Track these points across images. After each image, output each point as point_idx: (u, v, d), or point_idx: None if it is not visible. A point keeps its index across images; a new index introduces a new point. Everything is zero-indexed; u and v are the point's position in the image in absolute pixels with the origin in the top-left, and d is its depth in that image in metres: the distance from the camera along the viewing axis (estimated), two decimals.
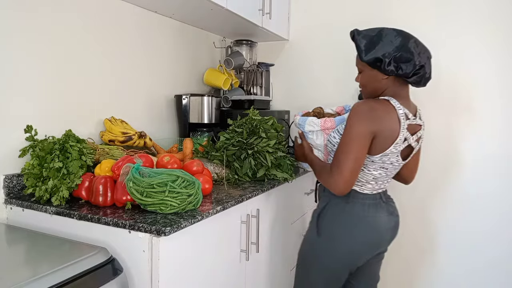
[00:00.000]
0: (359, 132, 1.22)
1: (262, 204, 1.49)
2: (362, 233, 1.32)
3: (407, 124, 1.25)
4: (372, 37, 1.27)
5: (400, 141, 1.24)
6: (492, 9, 1.90)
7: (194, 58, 2.18)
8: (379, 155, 1.25)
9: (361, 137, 1.22)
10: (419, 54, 1.24)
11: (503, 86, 1.90)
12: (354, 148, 1.22)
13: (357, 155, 1.22)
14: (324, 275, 1.39)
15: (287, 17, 2.38)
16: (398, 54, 1.22)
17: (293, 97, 2.42)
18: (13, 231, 1.12)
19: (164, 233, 0.96)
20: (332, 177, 1.25)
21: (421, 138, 1.35)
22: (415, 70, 1.24)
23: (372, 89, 1.32)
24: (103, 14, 1.58)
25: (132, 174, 1.09)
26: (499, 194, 1.93)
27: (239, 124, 1.60)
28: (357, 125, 1.22)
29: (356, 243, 1.32)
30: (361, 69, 1.33)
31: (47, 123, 1.37)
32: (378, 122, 1.22)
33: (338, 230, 1.33)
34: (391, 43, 1.23)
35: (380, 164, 1.28)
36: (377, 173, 1.30)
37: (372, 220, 1.32)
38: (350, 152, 1.22)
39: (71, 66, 1.46)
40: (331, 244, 1.35)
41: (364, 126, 1.22)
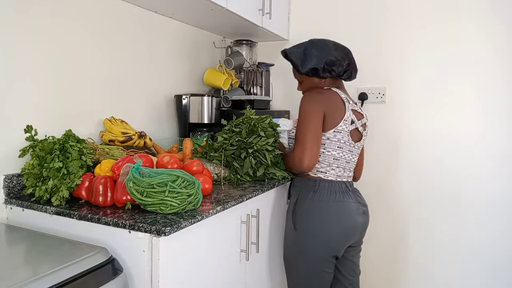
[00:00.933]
0: (311, 111, 1.40)
1: (262, 204, 1.49)
2: (332, 217, 1.41)
3: (351, 107, 1.47)
4: (301, 52, 1.51)
5: (348, 118, 1.44)
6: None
7: (194, 58, 2.18)
8: (332, 130, 1.42)
9: (314, 115, 1.40)
10: (342, 54, 1.49)
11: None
12: (310, 125, 1.39)
13: (314, 129, 1.39)
14: (309, 268, 1.45)
15: (287, 17, 2.38)
16: (328, 60, 1.46)
17: (293, 97, 2.42)
18: (13, 231, 1.12)
19: (164, 233, 0.96)
20: (295, 153, 1.41)
21: (366, 126, 1.56)
22: (345, 68, 1.50)
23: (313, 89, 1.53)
24: (103, 14, 1.58)
25: (132, 174, 1.09)
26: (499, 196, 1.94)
27: (236, 124, 1.61)
28: (308, 106, 1.42)
29: (329, 228, 1.41)
30: (300, 79, 1.60)
31: (47, 123, 1.37)
32: (326, 102, 1.43)
33: (311, 219, 1.42)
34: (319, 52, 1.48)
35: (335, 143, 1.44)
36: (335, 153, 1.45)
37: (340, 204, 1.43)
38: (306, 129, 1.39)
39: (71, 66, 1.46)
40: (308, 235, 1.43)
41: (315, 105, 1.41)
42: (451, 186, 2.02)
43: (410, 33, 2.06)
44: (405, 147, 2.11)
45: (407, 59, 2.08)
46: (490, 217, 1.95)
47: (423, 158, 2.08)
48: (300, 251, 1.46)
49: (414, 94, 2.08)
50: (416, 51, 2.06)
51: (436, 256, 2.08)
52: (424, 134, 2.07)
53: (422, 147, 2.08)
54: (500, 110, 1.92)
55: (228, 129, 1.61)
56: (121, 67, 1.69)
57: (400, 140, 2.11)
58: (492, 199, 1.95)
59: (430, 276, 2.10)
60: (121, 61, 1.68)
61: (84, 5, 1.49)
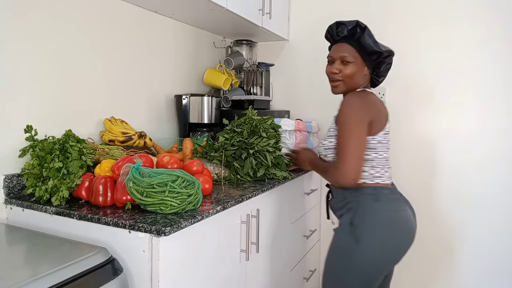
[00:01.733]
0: (356, 120, 1.26)
1: (262, 204, 1.49)
2: (399, 228, 1.29)
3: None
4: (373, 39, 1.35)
5: (389, 118, 1.37)
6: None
7: (194, 58, 2.18)
8: (382, 132, 1.32)
9: (359, 124, 1.26)
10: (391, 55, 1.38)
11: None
12: (354, 135, 1.25)
13: (359, 141, 1.26)
14: (364, 284, 1.31)
15: (287, 17, 2.38)
16: (392, 56, 1.36)
17: (293, 97, 2.42)
18: (13, 231, 1.12)
19: (164, 233, 0.96)
20: (338, 168, 1.27)
21: None
22: (387, 70, 1.41)
23: (355, 83, 1.37)
24: (102, 14, 1.58)
25: (132, 174, 1.09)
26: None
27: (237, 124, 1.61)
28: (354, 114, 1.27)
29: (398, 239, 1.29)
30: (352, 60, 1.35)
31: (47, 123, 1.37)
32: (372, 107, 1.31)
33: (380, 231, 1.27)
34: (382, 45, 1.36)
35: (385, 145, 1.35)
36: (386, 154, 1.36)
37: (405, 214, 1.32)
38: (351, 139, 1.25)
39: (71, 66, 1.46)
40: (375, 248, 1.27)
41: (359, 113, 1.28)
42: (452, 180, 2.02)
43: (411, 34, 2.07)
44: (404, 147, 2.11)
45: (407, 60, 2.08)
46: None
47: (422, 158, 2.08)
48: (359, 266, 1.28)
49: (415, 94, 2.08)
50: (417, 52, 2.06)
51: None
52: (423, 134, 2.07)
53: (421, 148, 2.08)
54: (500, 111, 1.92)
55: (229, 129, 1.61)
56: (121, 67, 1.69)
57: (400, 141, 2.11)
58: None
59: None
60: (121, 61, 1.68)
61: (84, 5, 1.49)
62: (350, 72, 1.35)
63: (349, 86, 1.37)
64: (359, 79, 1.37)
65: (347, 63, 1.35)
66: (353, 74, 1.35)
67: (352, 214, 1.31)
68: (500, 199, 1.94)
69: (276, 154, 1.57)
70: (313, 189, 2.05)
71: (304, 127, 1.84)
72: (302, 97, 2.39)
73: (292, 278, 1.85)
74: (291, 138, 1.79)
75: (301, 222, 1.94)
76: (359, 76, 1.36)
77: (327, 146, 1.39)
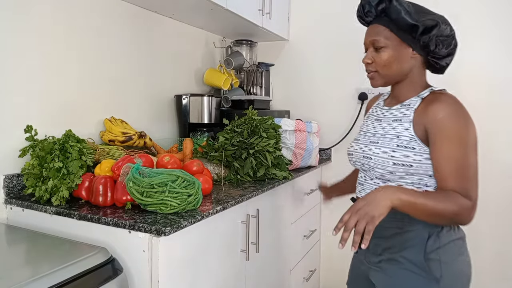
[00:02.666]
0: (475, 136, 0.97)
1: (262, 204, 1.49)
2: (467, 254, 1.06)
3: None
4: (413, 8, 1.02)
5: None
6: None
7: (194, 58, 2.18)
8: None
9: (476, 142, 0.97)
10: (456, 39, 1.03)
11: None
12: (475, 157, 0.96)
13: (477, 166, 0.97)
14: None
15: (287, 17, 2.38)
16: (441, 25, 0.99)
17: (293, 97, 2.42)
18: (13, 231, 1.12)
19: (164, 233, 0.96)
20: (472, 200, 0.93)
21: None
22: (450, 50, 1.02)
23: (397, 71, 1.05)
24: (102, 14, 1.58)
25: (132, 174, 1.09)
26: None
27: (237, 124, 1.61)
28: (471, 127, 0.97)
29: (470, 268, 1.05)
30: (385, 43, 1.03)
31: (47, 123, 1.37)
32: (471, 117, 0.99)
33: (461, 262, 1.02)
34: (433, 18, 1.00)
35: None
36: None
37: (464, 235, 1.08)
38: (474, 165, 0.96)
39: (71, 66, 1.46)
40: (457, 283, 1.01)
41: (474, 127, 0.98)
42: None
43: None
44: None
45: None
46: None
47: None
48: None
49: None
50: None
51: None
52: None
53: None
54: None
55: (229, 129, 1.61)
56: (121, 67, 1.69)
57: None
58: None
59: None
60: (121, 61, 1.68)
61: (83, 5, 1.49)
62: (386, 59, 1.03)
63: (391, 76, 1.06)
64: (404, 66, 1.04)
65: (380, 48, 1.04)
66: (391, 61, 1.03)
67: (424, 244, 1.00)
68: None
69: (276, 154, 1.57)
70: (313, 189, 2.05)
71: (304, 127, 1.84)
72: (302, 97, 2.39)
73: (292, 278, 1.85)
74: (291, 138, 1.79)
75: (301, 222, 1.94)
76: (403, 62, 1.04)
77: (401, 161, 1.00)
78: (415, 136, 1.00)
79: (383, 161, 1.02)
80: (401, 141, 1.01)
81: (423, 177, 1.00)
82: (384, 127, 1.07)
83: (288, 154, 1.80)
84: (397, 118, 1.05)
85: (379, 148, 1.04)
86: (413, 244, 1.00)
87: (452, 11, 1.40)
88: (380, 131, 1.08)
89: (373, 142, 1.07)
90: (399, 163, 1.00)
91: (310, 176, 2.03)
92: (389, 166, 1.01)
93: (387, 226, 1.03)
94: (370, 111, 1.21)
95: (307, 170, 1.91)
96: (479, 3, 1.93)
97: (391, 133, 1.04)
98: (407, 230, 1.02)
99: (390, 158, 1.01)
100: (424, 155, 0.99)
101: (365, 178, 1.12)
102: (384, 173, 1.04)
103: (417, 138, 0.99)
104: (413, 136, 1.00)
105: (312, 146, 1.91)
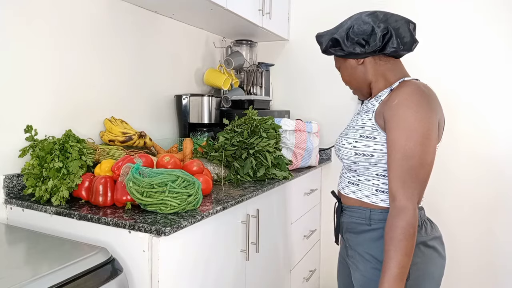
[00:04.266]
0: (427, 126, 0.92)
1: (262, 204, 1.49)
2: (442, 257, 1.06)
3: None
4: (330, 30, 1.12)
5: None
6: None
7: (194, 58, 2.18)
8: (437, 144, 1.00)
9: (432, 131, 0.93)
10: (381, 21, 1.02)
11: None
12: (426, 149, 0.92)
13: (430, 159, 0.93)
14: None
15: (287, 17, 2.38)
16: (351, 29, 1.03)
17: (293, 97, 2.42)
18: (13, 231, 1.12)
19: (164, 233, 0.96)
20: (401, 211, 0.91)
21: None
22: (382, 37, 1.01)
23: (356, 84, 1.12)
24: (102, 14, 1.58)
25: (132, 174, 1.09)
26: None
27: (237, 124, 1.61)
28: (423, 115, 0.92)
29: (441, 269, 1.05)
30: (339, 64, 1.13)
31: (47, 123, 1.37)
32: (435, 103, 0.97)
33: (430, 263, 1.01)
34: (345, 24, 1.08)
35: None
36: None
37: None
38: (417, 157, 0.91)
39: (71, 66, 1.46)
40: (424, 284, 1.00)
41: (432, 113, 0.93)
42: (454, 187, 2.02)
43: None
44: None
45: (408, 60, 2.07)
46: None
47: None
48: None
49: None
50: (418, 51, 2.06)
51: None
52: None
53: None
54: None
55: (229, 129, 1.61)
56: (121, 67, 1.69)
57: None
58: None
59: None
60: (121, 61, 1.68)
61: (83, 5, 1.49)
62: (348, 76, 1.12)
63: (360, 88, 1.12)
64: (360, 75, 1.09)
65: (340, 70, 1.14)
66: (348, 78, 1.12)
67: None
68: None
69: (276, 154, 1.57)
70: (313, 189, 2.05)
71: (304, 127, 1.85)
72: (302, 97, 2.39)
73: (292, 278, 1.85)
74: (291, 138, 1.79)
75: (301, 222, 1.94)
76: (356, 73, 1.10)
77: (362, 151, 1.02)
78: (376, 126, 1.00)
79: (347, 151, 1.06)
80: (364, 131, 1.03)
81: (386, 169, 1.00)
82: (356, 120, 1.10)
83: (288, 154, 1.80)
84: (367, 110, 1.07)
85: (346, 139, 1.07)
86: (381, 243, 1.00)
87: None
88: (352, 124, 1.11)
89: (345, 134, 1.10)
90: (360, 153, 1.02)
91: (310, 176, 2.03)
92: (352, 156, 1.04)
93: (356, 222, 1.07)
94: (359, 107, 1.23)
95: (307, 170, 1.91)
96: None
97: (358, 124, 1.06)
98: (375, 227, 1.03)
99: (353, 149, 1.04)
100: (385, 145, 0.98)
101: (343, 171, 1.16)
102: (350, 163, 1.07)
103: (378, 127, 1.00)
104: (375, 125, 1.01)
105: (312, 146, 1.91)
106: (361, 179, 1.07)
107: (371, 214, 1.03)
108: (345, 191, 1.12)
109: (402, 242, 0.89)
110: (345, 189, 1.12)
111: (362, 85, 1.11)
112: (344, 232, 1.13)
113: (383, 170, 1.02)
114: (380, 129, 1.00)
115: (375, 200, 1.04)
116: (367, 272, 1.03)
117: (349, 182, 1.11)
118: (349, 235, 1.10)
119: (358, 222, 1.07)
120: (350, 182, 1.10)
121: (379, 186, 1.03)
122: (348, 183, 1.11)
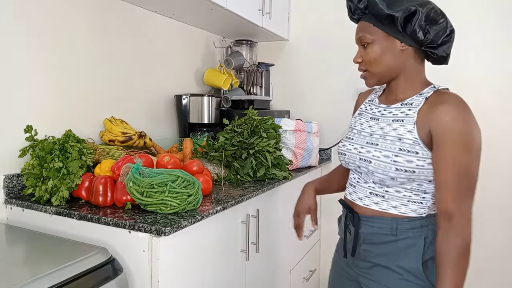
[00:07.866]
0: (479, 142, 0.91)
1: (262, 204, 1.49)
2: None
3: None
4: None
5: None
6: None
7: (194, 58, 2.18)
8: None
9: (480, 149, 0.91)
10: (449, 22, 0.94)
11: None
12: (477, 166, 0.91)
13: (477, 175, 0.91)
14: None
15: (287, 17, 2.38)
16: (433, 10, 0.91)
17: (293, 97, 2.42)
18: (13, 231, 1.12)
19: (164, 233, 0.96)
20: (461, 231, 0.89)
21: None
22: (445, 36, 0.92)
23: (383, 68, 0.98)
24: (103, 14, 1.58)
25: (132, 174, 1.09)
26: None
27: (238, 124, 1.61)
28: (476, 132, 0.90)
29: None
30: (371, 38, 0.97)
31: (47, 123, 1.37)
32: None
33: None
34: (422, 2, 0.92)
35: None
36: None
37: None
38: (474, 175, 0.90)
39: (71, 66, 1.46)
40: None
41: (480, 132, 0.91)
42: None
43: None
44: None
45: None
46: None
47: None
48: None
49: None
50: None
51: None
52: None
53: None
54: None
55: (229, 129, 1.61)
56: (121, 67, 1.69)
57: None
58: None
59: None
60: (121, 61, 1.68)
61: (84, 6, 1.49)
62: (373, 55, 0.97)
63: (383, 73, 0.99)
64: (394, 60, 0.97)
65: (367, 45, 0.99)
66: (379, 57, 0.97)
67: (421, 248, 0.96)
68: None
69: (276, 154, 1.57)
70: None
71: (304, 127, 1.85)
72: (302, 97, 2.39)
73: (292, 278, 1.85)
74: (291, 138, 1.80)
75: None
76: (392, 56, 0.96)
77: (404, 166, 0.93)
78: (419, 139, 0.92)
79: (384, 166, 0.95)
80: (403, 145, 0.93)
81: (423, 182, 0.96)
82: (382, 128, 1.00)
83: (288, 154, 1.80)
84: (398, 118, 0.97)
85: (379, 151, 0.97)
86: (409, 252, 0.96)
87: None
88: (378, 132, 1.00)
89: (372, 143, 1.00)
90: (402, 169, 0.93)
91: (310, 176, 2.03)
92: (391, 171, 0.94)
93: (378, 233, 1.00)
94: (363, 108, 1.12)
95: (307, 170, 1.91)
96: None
97: (391, 134, 0.96)
98: (402, 238, 0.97)
99: (393, 163, 0.94)
100: (427, 160, 0.92)
101: (358, 181, 1.06)
102: (385, 179, 0.97)
103: (420, 142, 0.92)
104: (417, 139, 0.93)
105: (312, 146, 1.91)
106: (389, 190, 0.98)
107: (398, 224, 0.97)
108: (364, 202, 1.03)
109: (461, 261, 0.88)
110: (364, 200, 1.03)
111: (388, 72, 0.99)
112: (359, 244, 1.04)
113: (418, 185, 0.96)
114: (423, 144, 0.92)
115: (405, 210, 0.97)
116: (391, 283, 0.98)
117: (371, 193, 1.02)
118: (367, 246, 1.02)
119: (381, 233, 0.99)
120: (373, 193, 1.01)
121: (411, 197, 0.97)
122: (369, 194, 1.02)
